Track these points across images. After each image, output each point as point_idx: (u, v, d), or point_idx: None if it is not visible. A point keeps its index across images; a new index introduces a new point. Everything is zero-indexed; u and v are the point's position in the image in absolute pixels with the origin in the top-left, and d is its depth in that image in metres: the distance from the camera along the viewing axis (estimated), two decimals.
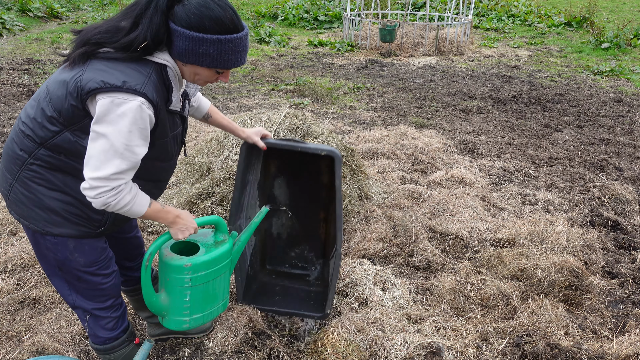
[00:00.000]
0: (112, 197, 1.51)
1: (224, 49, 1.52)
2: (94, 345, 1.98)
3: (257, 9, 14.09)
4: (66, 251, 1.72)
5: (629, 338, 2.43)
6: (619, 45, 9.95)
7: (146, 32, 1.47)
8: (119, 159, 1.48)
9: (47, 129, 1.54)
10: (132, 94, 1.46)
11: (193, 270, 1.82)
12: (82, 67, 1.50)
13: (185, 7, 1.48)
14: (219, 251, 1.89)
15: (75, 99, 1.48)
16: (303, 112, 3.94)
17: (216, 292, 1.95)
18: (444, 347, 2.39)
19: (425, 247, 3.17)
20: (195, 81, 1.65)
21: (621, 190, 3.97)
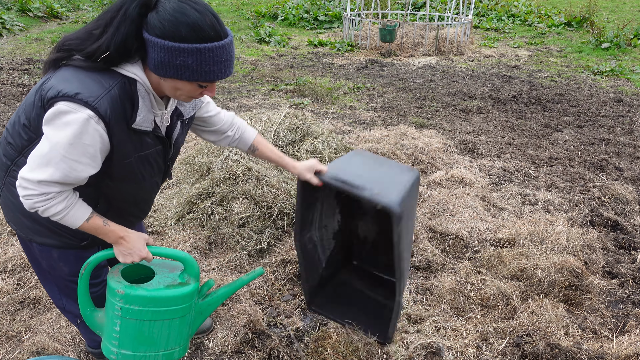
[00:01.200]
0: (41, 202, 1.40)
1: (205, 59, 1.34)
2: (90, 349, 1.98)
3: (257, 9, 14.09)
4: (51, 260, 1.69)
5: (629, 338, 2.43)
6: (619, 45, 9.95)
7: (110, 42, 1.33)
8: (52, 168, 1.37)
9: (22, 137, 1.47)
10: (81, 106, 1.34)
11: (125, 300, 1.59)
12: (50, 74, 1.42)
13: (159, 14, 1.31)
14: (166, 292, 1.61)
15: (40, 108, 1.40)
16: (303, 112, 3.94)
17: (154, 337, 1.65)
18: (444, 347, 2.39)
19: (425, 247, 3.17)
20: (177, 97, 1.49)
21: (621, 190, 3.97)
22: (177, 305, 1.64)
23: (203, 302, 1.80)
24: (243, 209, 3.21)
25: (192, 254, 3.08)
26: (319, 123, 3.99)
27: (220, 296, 1.85)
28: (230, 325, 2.48)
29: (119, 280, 1.63)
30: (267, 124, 3.63)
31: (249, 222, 3.16)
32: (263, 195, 3.25)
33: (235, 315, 2.54)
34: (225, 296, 1.86)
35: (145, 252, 1.63)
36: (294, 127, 3.63)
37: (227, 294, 1.86)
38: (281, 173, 3.37)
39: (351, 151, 2.24)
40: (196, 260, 3.05)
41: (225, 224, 3.18)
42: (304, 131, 3.64)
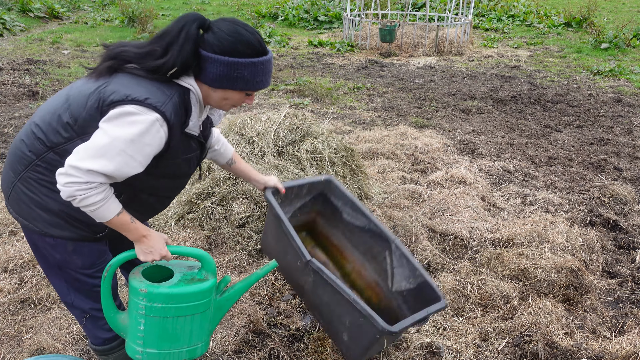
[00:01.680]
0: (82, 191, 1.46)
1: (257, 71, 1.57)
2: (93, 347, 1.97)
3: (257, 9, 14.10)
4: (65, 253, 1.71)
5: (629, 338, 2.44)
6: (619, 45, 9.96)
7: (176, 59, 1.50)
8: (106, 160, 1.46)
9: (60, 135, 1.54)
10: (150, 109, 1.48)
11: (148, 299, 1.64)
12: (107, 79, 1.53)
13: (216, 35, 1.52)
14: (186, 289, 1.66)
15: (96, 110, 1.50)
16: (303, 112, 3.94)
17: (177, 333, 1.69)
18: (444, 347, 2.40)
19: (425, 247, 3.17)
20: (222, 106, 1.67)
21: (621, 190, 3.97)
22: (198, 300, 1.69)
23: (221, 298, 1.84)
24: (243, 208, 3.21)
25: None
26: (319, 123, 4.00)
27: (237, 291, 1.88)
28: (230, 325, 2.49)
29: (141, 280, 1.67)
30: (267, 124, 3.63)
31: (249, 222, 3.17)
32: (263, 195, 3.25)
33: (235, 315, 2.54)
34: (242, 291, 1.89)
35: (165, 251, 1.70)
36: (294, 127, 3.63)
37: (243, 289, 1.89)
38: (281, 173, 3.38)
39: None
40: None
41: (225, 224, 3.18)
42: (304, 131, 3.64)
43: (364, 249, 2.51)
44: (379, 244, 2.41)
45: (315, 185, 2.58)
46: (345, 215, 2.56)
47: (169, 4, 15.65)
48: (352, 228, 2.54)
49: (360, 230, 2.50)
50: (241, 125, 3.69)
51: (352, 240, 2.57)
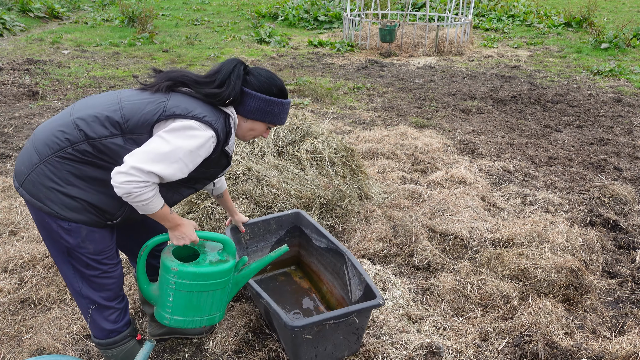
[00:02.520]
0: (139, 189, 1.66)
1: (283, 109, 1.97)
2: (97, 340, 2.01)
3: (257, 9, 14.10)
4: (78, 238, 1.81)
5: (629, 338, 2.43)
6: (619, 45, 9.96)
7: (231, 91, 1.83)
8: (165, 165, 1.69)
9: (106, 128, 1.73)
10: (208, 126, 1.76)
11: (178, 276, 1.91)
12: (166, 95, 1.79)
13: (256, 77, 1.90)
14: (210, 269, 1.93)
15: (153, 116, 1.73)
16: (303, 112, 3.94)
17: (200, 305, 1.98)
18: (444, 347, 2.40)
19: (425, 247, 3.17)
20: (246, 136, 2.00)
21: (621, 190, 3.97)
22: (220, 278, 1.97)
23: (239, 275, 2.11)
24: (243, 209, 3.21)
25: None
26: (319, 123, 3.99)
27: (252, 270, 2.14)
28: (230, 325, 2.49)
29: (172, 260, 1.93)
30: None
31: None
32: (263, 195, 3.25)
33: (235, 315, 2.54)
34: (256, 270, 2.15)
35: (195, 237, 1.96)
36: (294, 127, 3.63)
37: (257, 268, 2.15)
38: (281, 173, 3.38)
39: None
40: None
41: (225, 224, 3.18)
42: (304, 131, 3.64)
43: (331, 268, 2.65)
44: (338, 259, 2.57)
45: (283, 218, 2.83)
46: (315, 241, 2.74)
47: (169, 4, 15.64)
48: (321, 251, 2.71)
49: (325, 251, 2.67)
50: None
51: (323, 263, 2.72)
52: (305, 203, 3.26)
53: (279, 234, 2.84)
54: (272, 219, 2.79)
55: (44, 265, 2.92)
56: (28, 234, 3.23)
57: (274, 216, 2.80)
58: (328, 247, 2.62)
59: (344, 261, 2.49)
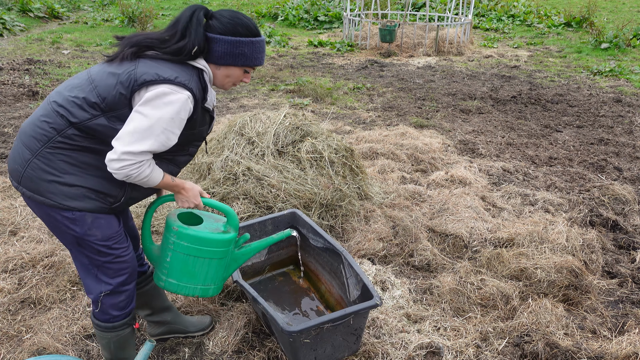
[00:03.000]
0: (135, 170, 1.69)
1: (255, 48, 1.85)
2: (97, 321, 2.01)
3: (257, 9, 14.10)
4: (85, 226, 1.81)
5: (629, 338, 2.43)
6: (619, 45, 9.96)
7: (194, 40, 1.75)
8: (152, 139, 1.68)
9: (86, 112, 1.71)
10: (182, 88, 1.71)
11: (177, 236, 1.94)
12: (133, 63, 1.73)
13: (219, 20, 1.80)
14: (209, 235, 1.95)
15: (126, 89, 1.69)
16: (303, 112, 3.94)
17: (195, 271, 1.99)
18: (444, 347, 2.39)
19: (425, 247, 3.17)
20: (225, 84, 1.91)
21: (621, 190, 3.97)
22: (217, 247, 1.98)
23: (238, 252, 2.11)
24: (243, 208, 3.21)
25: None
26: (319, 123, 3.99)
27: (253, 249, 2.15)
28: (230, 325, 2.49)
29: (175, 220, 1.98)
30: (267, 124, 3.63)
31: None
32: (263, 195, 3.25)
33: (235, 315, 2.54)
34: (257, 250, 2.16)
35: (198, 201, 1.97)
36: (294, 127, 3.63)
37: (258, 248, 2.17)
38: (281, 173, 3.38)
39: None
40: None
41: None
42: (304, 131, 3.64)
43: (329, 268, 2.65)
44: (335, 259, 2.56)
45: (279, 219, 2.82)
46: (311, 240, 2.74)
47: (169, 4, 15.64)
48: (318, 251, 2.71)
49: (322, 250, 2.66)
50: (241, 125, 3.69)
51: (320, 262, 2.72)
52: (305, 203, 3.26)
53: None
54: (267, 220, 2.79)
55: (44, 265, 2.92)
56: (28, 234, 3.23)
57: (270, 217, 2.80)
58: (325, 247, 2.62)
59: (341, 261, 2.49)
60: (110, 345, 2.06)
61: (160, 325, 2.39)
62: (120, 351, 2.09)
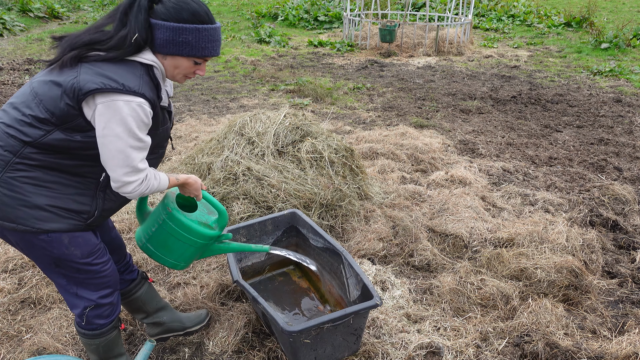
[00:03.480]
0: (144, 186, 1.69)
1: (202, 37, 1.67)
2: (83, 331, 1.97)
3: (257, 9, 14.10)
4: (62, 247, 1.74)
5: (629, 338, 2.43)
6: (619, 45, 9.95)
7: (134, 28, 1.60)
8: (135, 152, 1.64)
9: (38, 128, 1.60)
10: (133, 95, 1.58)
11: (168, 216, 2.00)
12: (75, 69, 1.59)
13: (164, 4, 1.64)
14: (196, 226, 2.03)
15: (72, 99, 1.57)
16: (303, 112, 3.94)
17: (172, 248, 2.07)
18: (444, 347, 2.39)
19: (425, 247, 3.17)
20: (175, 76, 1.76)
21: (621, 190, 3.97)
22: (200, 239, 2.06)
23: (216, 245, 2.19)
24: (243, 209, 3.21)
25: None
26: (319, 123, 4.00)
27: (230, 249, 2.23)
28: (230, 325, 2.49)
29: (172, 202, 2.04)
30: (267, 124, 3.63)
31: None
32: (263, 195, 3.25)
33: (235, 315, 2.54)
34: (233, 250, 2.24)
35: (199, 193, 2.03)
36: (294, 127, 3.63)
37: (234, 249, 2.24)
38: (281, 173, 3.38)
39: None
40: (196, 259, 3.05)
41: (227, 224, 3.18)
42: (304, 131, 3.64)
43: (329, 268, 2.65)
44: (335, 259, 2.56)
45: (279, 219, 2.82)
46: (311, 240, 2.74)
47: None
48: (318, 251, 2.70)
49: (322, 250, 2.66)
50: (241, 125, 3.69)
51: (321, 262, 2.72)
52: (305, 203, 3.26)
53: (275, 235, 2.84)
54: (267, 220, 2.79)
55: None
56: None
57: (270, 217, 2.80)
58: (325, 247, 2.62)
59: (341, 261, 2.49)
60: (99, 350, 2.04)
61: (158, 325, 2.39)
62: (109, 352, 2.07)
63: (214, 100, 6.69)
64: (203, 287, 2.78)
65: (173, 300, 2.70)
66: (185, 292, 2.75)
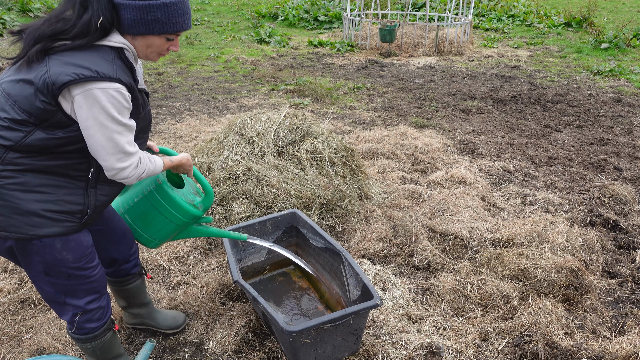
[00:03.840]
0: (140, 169, 1.67)
1: (171, 12, 1.60)
2: (76, 336, 1.95)
3: (257, 9, 14.09)
4: (54, 252, 1.69)
5: (629, 338, 2.43)
6: (619, 45, 9.95)
7: (97, 11, 1.53)
8: (122, 137, 1.60)
9: (18, 131, 1.54)
10: (108, 82, 1.53)
11: (157, 188, 2.01)
12: (43, 64, 1.52)
13: None
14: (182, 203, 2.04)
15: (47, 96, 1.51)
16: (303, 112, 3.94)
17: (151, 223, 2.08)
18: (444, 347, 2.40)
19: (425, 247, 3.17)
20: (148, 55, 1.71)
21: (621, 190, 3.97)
22: (182, 217, 2.07)
23: (194, 227, 2.20)
24: (243, 209, 3.21)
25: (192, 254, 3.09)
26: (319, 123, 4.00)
27: (208, 233, 2.26)
28: (230, 325, 2.49)
29: (163, 174, 2.05)
30: (267, 124, 3.63)
31: None
32: (263, 195, 3.25)
33: (235, 315, 2.54)
34: (210, 235, 2.28)
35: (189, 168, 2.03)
36: (294, 127, 3.63)
37: (211, 234, 2.28)
38: (281, 173, 3.38)
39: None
40: (196, 260, 3.05)
41: (225, 224, 3.18)
42: (304, 131, 3.64)
43: (329, 268, 2.65)
44: (335, 259, 2.56)
45: (279, 219, 2.82)
46: (311, 240, 2.74)
47: None
48: (318, 251, 2.71)
49: (322, 250, 2.67)
50: (241, 125, 3.69)
51: (321, 262, 2.72)
52: (305, 203, 3.26)
53: (275, 235, 2.84)
54: (268, 220, 2.79)
55: None
56: None
57: (270, 217, 2.80)
58: (325, 247, 2.63)
59: (341, 261, 2.49)
60: (96, 352, 2.02)
61: (135, 317, 2.45)
62: (107, 353, 2.05)
63: (214, 100, 6.69)
64: (203, 287, 2.78)
65: (173, 300, 2.70)
66: (185, 292, 2.75)
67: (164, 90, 7.14)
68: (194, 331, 2.50)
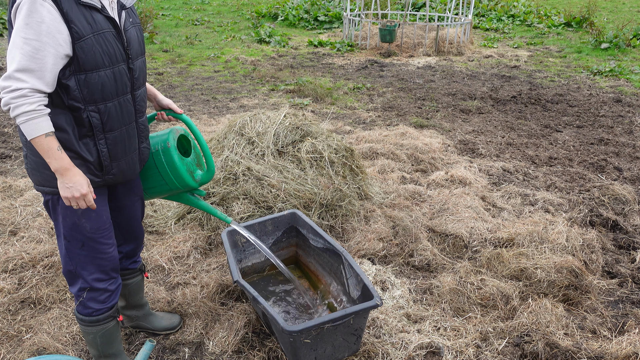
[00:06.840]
0: (14, 98, 1.54)
1: None
2: (80, 315, 2.00)
3: (257, 9, 14.09)
4: (74, 216, 1.81)
5: (629, 338, 2.43)
6: (619, 45, 9.95)
7: None
8: (20, 54, 1.52)
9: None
10: None
11: (163, 150, 2.07)
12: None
13: None
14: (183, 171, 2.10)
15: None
16: (303, 112, 3.94)
17: (149, 178, 2.13)
18: (444, 347, 2.40)
19: (425, 247, 3.17)
20: None
21: (621, 190, 3.97)
22: (179, 184, 2.14)
23: (186, 195, 2.28)
24: (243, 209, 3.21)
25: (192, 254, 3.09)
26: (319, 123, 4.00)
27: (197, 205, 2.32)
28: (230, 325, 2.49)
29: (174, 139, 2.11)
30: (267, 124, 3.63)
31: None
32: (263, 195, 3.25)
33: (235, 315, 2.54)
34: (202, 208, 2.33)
35: (86, 190, 1.71)
36: (294, 127, 3.63)
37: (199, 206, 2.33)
38: (281, 173, 3.38)
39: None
40: (196, 260, 3.06)
41: (225, 223, 3.18)
42: (304, 131, 3.64)
43: (329, 268, 2.66)
44: (335, 259, 2.57)
45: (279, 219, 2.83)
46: (311, 240, 2.75)
47: (169, 4, 15.63)
48: (318, 251, 2.72)
49: (322, 250, 2.67)
50: (241, 125, 3.69)
51: (321, 263, 2.73)
52: (305, 203, 3.26)
53: (275, 235, 2.84)
54: (267, 221, 2.79)
55: (44, 265, 2.92)
56: (28, 234, 3.23)
57: (270, 217, 2.80)
58: (325, 247, 2.63)
59: (341, 261, 2.49)
60: (97, 340, 2.05)
61: (131, 319, 2.46)
62: (107, 346, 2.08)
63: (214, 100, 6.69)
64: (203, 287, 2.78)
65: (173, 300, 2.70)
66: (185, 292, 2.75)
67: (164, 90, 7.14)
68: (193, 331, 2.50)
